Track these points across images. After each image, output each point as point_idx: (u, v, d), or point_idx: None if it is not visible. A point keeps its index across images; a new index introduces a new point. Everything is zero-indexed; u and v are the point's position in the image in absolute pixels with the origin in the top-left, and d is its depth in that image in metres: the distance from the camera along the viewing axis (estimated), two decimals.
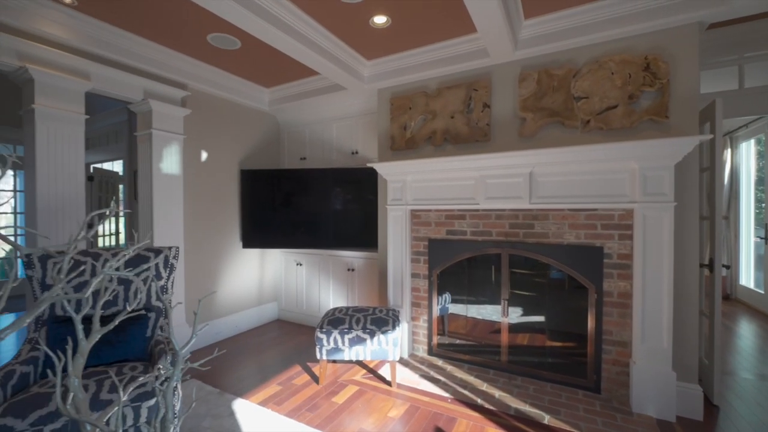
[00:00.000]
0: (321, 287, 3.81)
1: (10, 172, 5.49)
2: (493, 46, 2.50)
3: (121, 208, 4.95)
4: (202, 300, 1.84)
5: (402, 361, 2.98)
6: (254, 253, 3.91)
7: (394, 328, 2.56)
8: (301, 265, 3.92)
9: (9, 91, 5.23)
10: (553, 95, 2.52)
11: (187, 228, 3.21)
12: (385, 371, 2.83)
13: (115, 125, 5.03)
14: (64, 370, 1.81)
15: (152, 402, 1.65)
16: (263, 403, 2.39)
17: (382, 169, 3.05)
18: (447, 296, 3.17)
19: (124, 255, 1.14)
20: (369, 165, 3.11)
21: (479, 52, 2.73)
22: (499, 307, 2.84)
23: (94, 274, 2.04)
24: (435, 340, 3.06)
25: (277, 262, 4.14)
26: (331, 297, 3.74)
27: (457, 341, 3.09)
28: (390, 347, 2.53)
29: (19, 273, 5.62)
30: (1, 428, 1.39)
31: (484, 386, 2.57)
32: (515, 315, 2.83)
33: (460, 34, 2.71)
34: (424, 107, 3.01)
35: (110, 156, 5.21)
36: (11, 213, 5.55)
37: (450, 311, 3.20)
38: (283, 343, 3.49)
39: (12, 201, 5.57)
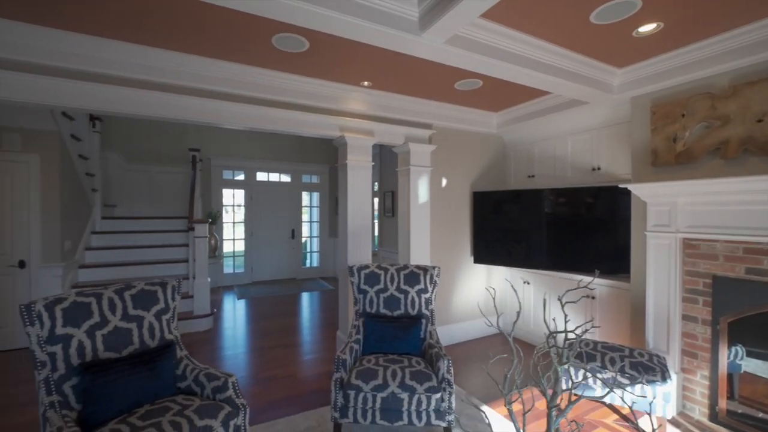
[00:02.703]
0: (551, 310, 3.68)
1: (306, 193, 8.03)
2: None
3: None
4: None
5: (672, 421, 2.51)
6: (482, 267, 4.21)
7: (664, 379, 2.21)
8: (528, 283, 3.92)
9: (312, 142, 7.67)
10: None
11: (432, 245, 3.82)
12: (644, 423, 2.47)
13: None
14: (374, 351, 2.54)
15: (438, 395, 2.10)
16: (509, 417, 2.57)
17: (642, 190, 2.66)
18: (739, 350, 2.44)
19: (405, 269, 1.55)
20: (623, 186, 2.79)
21: None
22: None
23: (386, 281, 2.77)
24: (723, 404, 2.42)
25: (502, 278, 4.30)
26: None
27: (761, 414, 2.32)
28: (659, 401, 2.20)
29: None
30: (355, 386, 2.13)
31: None
32: None
33: None
34: (707, 112, 2.43)
35: None
36: (308, 222, 8.11)
37: (743, 369, 2.45)
38: (512, 359, 3.59)
39: (309, 212, 8.14)
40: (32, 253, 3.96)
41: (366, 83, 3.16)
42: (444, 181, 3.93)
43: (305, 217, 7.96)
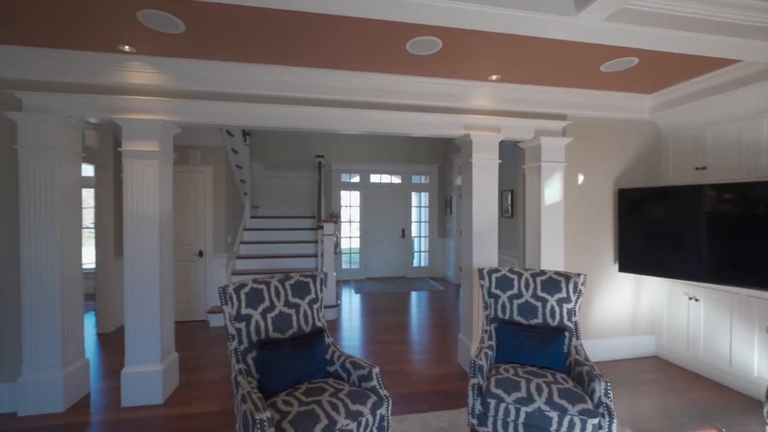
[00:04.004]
0: (734, 336, 2.93)
1: (415, 193, 8.14)
2: None
3: None
4: None
5: None
6: (628, 277, 3.61)
7: None
8: (697, 300, 3.20)
9: (421, 142, 7.79)
10: None
11: (566, 250, 3.44)
12: None
13: None
14: (510, 360, 2.39)
15: (595, 420, 1.85)
16: None
17: None
18: None
19: (542, 274, 1.34)
20: None
21: None
22: None
23: (520, 287, 2.59)
24: None
25: (656, 291, 3.62)
26: (761, 355, 2.79)
27: None
28: None
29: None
30: (495, 395, 2.03)
31: None
32: None
33: None
34: None
35: None
36: (417, 221, 8.22)
37: None
38: (674, 392, 2.97)
39: (415, 212, 8.25)
40: (207, 245, 4.95)
41: (494, 77, 3.01)
42: (581, 178, 3.49)
43: (414, 216, 8.10)
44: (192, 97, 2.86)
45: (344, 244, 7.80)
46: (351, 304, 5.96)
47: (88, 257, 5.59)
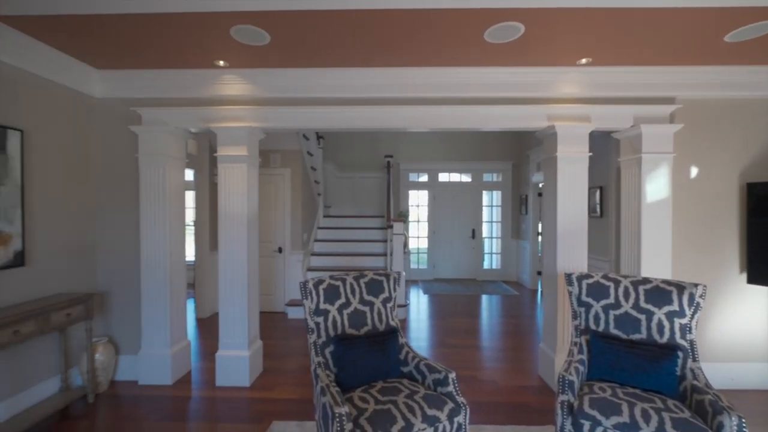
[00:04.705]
0: None
1: (486, 192, 7.77)
2: None
3: None
4: None
5: None
6: (760, 291, 2.97)
7: None
8: None
9: (493, 138, 7.41)
10: None
11: (673, 255, 2.95)
12: None
13: None
14: (606, 379, 2.12)
15: None
16: None
17: None
18: None
19: (645, 282, 1.06)
20: None
21: None
22: None
23: (617, 296, 2.27)
24: None
25: None
26: None
27: None
28: None
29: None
30: (590, 417, 1.80)
31: None
32: None
33: None
34: None
35: None
36: (488, 222, 7.85)
37: None
38: None
39: (486, 212, 7.87)
40: (285, 242, 5.30)
41: (584, 60, 2.70)
42: (694, 171, 2.96)
43: (485, 216, 7.74)
44: (275, 103, 3.07)
45: (412, 244, 7.77)
46: (419, 304, 5.89)
47: (189, 251, 6.41)
